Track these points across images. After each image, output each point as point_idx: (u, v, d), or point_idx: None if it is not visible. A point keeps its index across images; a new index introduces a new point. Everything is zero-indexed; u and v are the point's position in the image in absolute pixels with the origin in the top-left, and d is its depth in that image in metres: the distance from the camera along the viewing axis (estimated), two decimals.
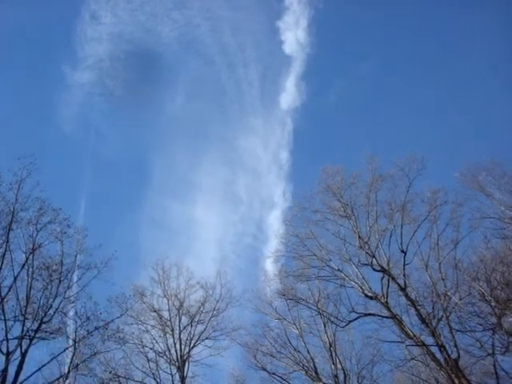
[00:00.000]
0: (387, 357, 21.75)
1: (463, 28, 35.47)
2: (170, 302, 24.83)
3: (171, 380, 22.65)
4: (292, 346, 23.58)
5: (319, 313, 23.08)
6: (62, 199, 36.54)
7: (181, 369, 22.74)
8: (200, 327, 24.69)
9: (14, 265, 17.63)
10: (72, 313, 18.74)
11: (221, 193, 42.42)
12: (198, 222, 41.16)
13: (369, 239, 22.63)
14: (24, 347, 16.25)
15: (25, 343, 16.36)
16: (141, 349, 23.16)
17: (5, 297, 16.79)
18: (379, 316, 21.12)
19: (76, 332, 18.22)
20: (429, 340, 19.51)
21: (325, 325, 23.13)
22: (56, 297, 17.98)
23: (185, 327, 24.48)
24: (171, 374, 22.81)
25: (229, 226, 40.86)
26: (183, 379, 22.47)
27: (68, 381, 18.37)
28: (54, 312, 17.65)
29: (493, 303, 19.16)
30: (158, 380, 22.76)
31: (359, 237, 22.79)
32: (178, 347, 23.59)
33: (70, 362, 17.80)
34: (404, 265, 21.41)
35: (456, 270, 20.77)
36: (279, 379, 23.32)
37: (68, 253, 19.23)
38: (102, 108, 40.04)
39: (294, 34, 33.85)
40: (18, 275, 17.47)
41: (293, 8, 33.57)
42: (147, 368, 22.93)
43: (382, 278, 21.43)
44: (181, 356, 23.24)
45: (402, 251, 21.74)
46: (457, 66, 35.06)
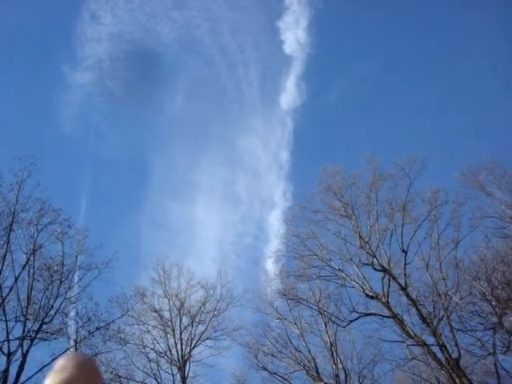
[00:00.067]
0: (388, 356, 21.81)
1: (463, 28, 35.46)
2: (171, 303, 24.83)
3: (172, 380, 22.66)
4: (293, 346, 23.58)
5: (320, 313, 23.08)
6: (63, 200, 36.67)
7: (182, 369, 22.73)
8: (201, 327, 24.71)
9: (15, 265, 17.68)
10: (73, 313, 18.78)
11: (221, 193, 42.44)
12: (199, 222, 41.19)
13: (369, 239, 22.64)
14: (25, 348, 16.28)
15: (26, 344, 16.40)
16: (142, 349, 23.17)
17: (6, 297, 16.81)
18: (380, 316, 21.14)
19: (77, 332, 18.26)
20: (430, 339, 19.54)
21: (326, 325, 23.13)
22: (57, 297, 18.02)
23: (186, 327, 24.48)
24: (172, 374, 22.83)
25: (229, 226, 40.88)
26: (184, 379, 22.46)
27: None
28: (55, 313, 17.68)
29: (494, 302, 19.17)
30: (159, 380, 22.77)
31: (360, 236, 22.79)
32: (179, 347, 23.59)
33: None
34: (405, 264, 21.43)
35: (457, 270, 20.79)
36: (280, 379, 23.33)
37: (69, 253, 19.30)
38: (102, 108, 40.08)
39: (294, 34, 33.88)
40: (19, 276, 17.51)
41: (293, 8, 33.59)
42: (148, 368, 22.94)
43: (383, 278, 21.43)
44: (182, 356, 23.24)
45: (403, 251, 21.74)
46: (457, 66, 35.06)
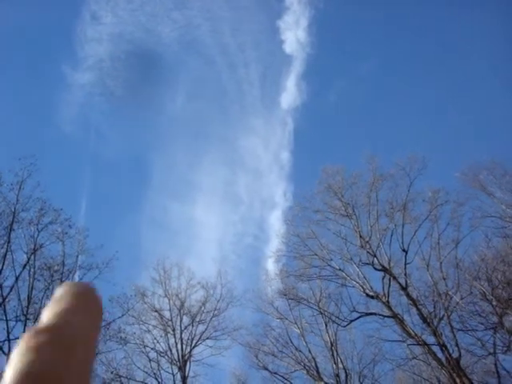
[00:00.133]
0: (389, 356, 21.81)
1: (463, 28, 35.37)
2: (171, 302, 24.84)
3: (172, 380, 22.67)
4: (293, 346, 23.60)
5: (320, 312, 23.08)
6: (63, 199, 36.73)
7: (182, 369, 22.74)
8: (201, 327, 24.71)
9: (16, 265, 17.69)
10: None
11: (221, 193, 42.38)
12: (199, 222, 41.16)
13: (370, 238, 22.64)
14: None
15: None
16: (142, 349, 23.17)
17: (6, 297, 16.82)
18: (380, 315, 21.14)
19: None
20: (430, 339, 19.54)
21: (326, 324, 23.14)
22: None
23: (186, 327, 24.49)
24: (173, 374, 22.83)
25: (229, 226, 40.84)
26: (184, 379, 22.47)
27: None
28: None
29: (494, 302, 19.17)
30: (160, 380, 22.78)
31: (360, 236, 22.79)
32: (180, 347, 23.60)
33: None
34: (405, 264, 21.43)
35: (457, 270, 20.79)
36: (281, 379, 23.35)
37: (69, 253, 19.31)
38: (103, 108, 40.03)
39: (295, 34, 33.83)
40: (20, 275, 17.52)
41: (293, 8, 33.54)
42: (149, 368, 22.95)
43: (383, 278, 21.43)
44: (182, 356, 23.25)
45: (403, 250, 21.74)
46: (457, 66, 34.97)
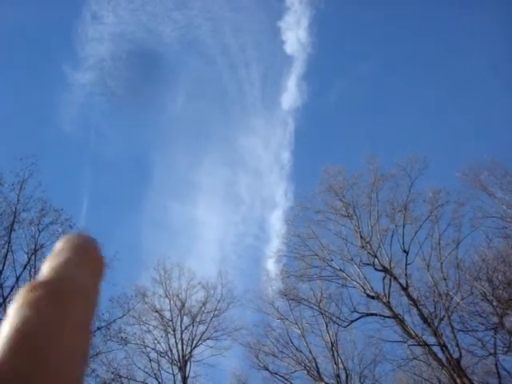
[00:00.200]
0: (389, 356, 21.79)
1: (463, 28, 35.34)
2: (172, 303, 24.85)
3: (173, 380, 22.67)
4: (294, 346, 23.59)
5: (321, 313, 23.07)
6: (64, 199, 36.77)
7: (182, 369, 22.75)
8: (201, 327, 24.72)
9: (17, 265, 17.69)
10: None
11: (222, 193, 42.36)
12: (199, 222, 41.14)
13: (370, 239, 22.63)
14: None
15: None
16: (143, 349, 23.18)
17: (7, 297, 16.83)
18: (381, 316, 21.13)
19: None
20: (431, 340, 19.53)
21: (327, 325, 23.13)
22: None
23: (186, 327, 24.50)
24: (173, 374, 22.84)
25: (230, 226, 40.82)
26: (185, 379, 22.48)
27: None
28: None
29: (494, 303, 19.16)
30: (160, 380, 22.79)
31: (361, 237, 22.78)
32: (180, 347, 23.61)
33: None
34: (406, 264, 21.41)
35: (458, 270, 20.78)
36: (281, 379, 23.34)
37: None
38: (103, 108, 40.00)
39: (295, 34, 33.80)
40: (21, 276, 17.52)
41: (294, 8, 33.51)
42: (149, 368, 22.96)
43: (384, 278, 21.42)
44: (182, 356, 23.25)
45: (404, 251, 21.73)
46: (457, 66, 34.94)
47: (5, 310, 16.59)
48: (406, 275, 21.12)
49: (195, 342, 24.07)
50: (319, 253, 23.58)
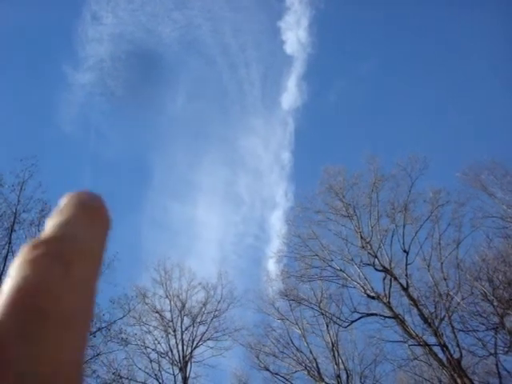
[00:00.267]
0: (390, 356, 21.81)
1: (463, 28, 35.38)
2: (172, 303, 24.83)
3: (173, 381, 22.66)
4: (294, 346, 23.58)
5: (322, 313, 23.07)
6: None
7: (183, 369, 22.74)
8: (202, 328, 24.71)
9: None
10: None
11: (222, 193, 42.35)
12: (200, 223, 41.13)
13: (371, 239, 22.63)
14: None
15: None
16: (143, 350, 23.17)
17: None
18: (381, 316, 21.13)
19: None
20: (431, 340, 19.54)
21: (327, 325, 23.12)
22: None
23: (187, 328, 24.48)
24: (174, 375, 22.82)
25: (230, 227, 40.79)
26: (185, 380, 22.47)
27: None
28: None
29: (495, 303, 19.18)
30: (161, 381, 22.77)
31: (361, 237, 22.78)
32: (181, 348, 23.60)
33: None
34: (406, 265, 21.42)
35: (458, 270, 20.79)
36: (282, 379, 23.34)
37: None
38: (103, 108, 39.95)
39: (295, 34, 33.80)
40: None
41: (294, 8, 33.51)
42: (150, 369, 22.94)
43: (384, 278, 21.43)
44: (183, 357, 23.25)
45: (404, 251, 21.74)
46: (457, 66, 34.97)
47: None
48: (407, 275, 21.13)
49: (196, 343, 24.08)
50: (319, 253, 23.60)
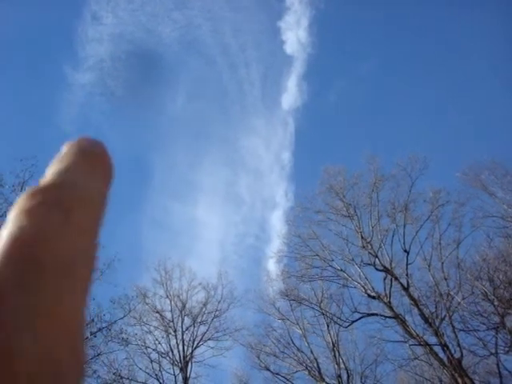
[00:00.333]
0: (390, 356, 21.79)
1: (463, 28, 35.38)
2: (173, 303, 24.82)
3: (174, 381, 22.65)
4: (295, 346, 23.58)
5: (322, 313, 23.06)
6: None
7: (184, 369, 22.74)
8: (202, 328, 24.70)
9: None
10: None
11: (222, 193, 42.35)
12: (200, 223, 41.10)
13: (371, 239, 22.63)
14: None
15: None
16: (144, 350, 23.16)
17: None
18: (382, 316, 21.13)
19: None
20: (432, 339, 19.55)
21: (328, 325, 23.12)
22: None
23: (187, 328, 24.48)
24: (174, 375, 22.82)
25: (231, 227, 40.78)
26: (186, 380, 22.47)
27: None
28: None
29: (496, 302, 19.19)
30: (161, 381, 22.77)
31: (362, 237, 22.78)
32: (181, 348, 23.60)
33: None
34: (407, 264, 21.42)
35: (459, 270, 20.80)
36: (282, 379, 23.33)
37: None
38: (103, 108, 39.95)
39: (295, 34, 33.80)
40: None
41: (294, 8, 33.52)
42: (150, 369, 22.93)
43: (385, 278, 21.43)
44: (184, 357, 23.24)
45: (405, 251, 21.74)
46: (457, 66, 34.97)
47: None
48: (407, 275, 21.13)
49: (196, 343, 24.07)
50: (320, 253, 23.59)
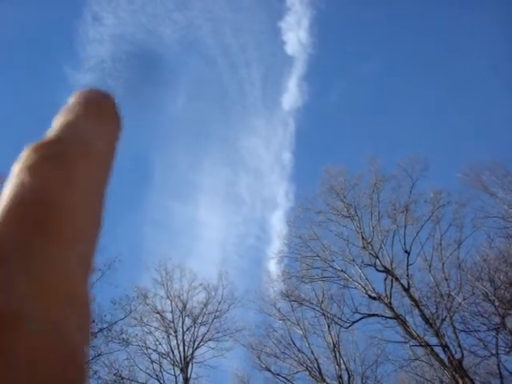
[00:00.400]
0: (391, 357, 21.75)
1: (463, 28, 35.34)
2: (173, 304, 24.81)
3: (175, 381, 22.64)
4: (296, 347, 23.55)
5: (323, 314, 23.04)
6: None
7: (184, 370, 22.73)
8: (203, 328, 24.66)
9: None
10: None
11: (223, 193, 42.35)
12: (201, 223, 41.09)
13: (372, 240, 22.62)
14: None
15: None
16: (144, 350, 23.14)
17: None
18: (383, 316, 21.12)
19: None
20: (433, 340, 19.53)
21: (328, 325, 23.10)
22: None
23: (188, 329, 24.47)
24: (175, 376, 22.80)
25: (231, 227, 40.76)
26: (187, 380, 22.46)
27: None
28: None
29: (496, 303, 19.17)
30: (162, 381, 22.76)
31: (362, 237, 22.77)
32: (182, 349, 23.58)
33: None
34: (407, 265, 21.41)
35: (459, 270, 20.78)
36: (283, 380, 23.29)
37: None
38: None
39: (296, 35, 33.79)
40: None
41: (294, 8, 33.51)
42: (151, 369, 22.91)
43: (386, 279, 21.41)
44: (184, 357, 23.23)
45: (406, 251, 21.72)
46: (457, 66, 34.95)
47: None
48: (408, 276, 21.12)
49: (197, 344, 24.06)
50: (321, 254, 23.58)
